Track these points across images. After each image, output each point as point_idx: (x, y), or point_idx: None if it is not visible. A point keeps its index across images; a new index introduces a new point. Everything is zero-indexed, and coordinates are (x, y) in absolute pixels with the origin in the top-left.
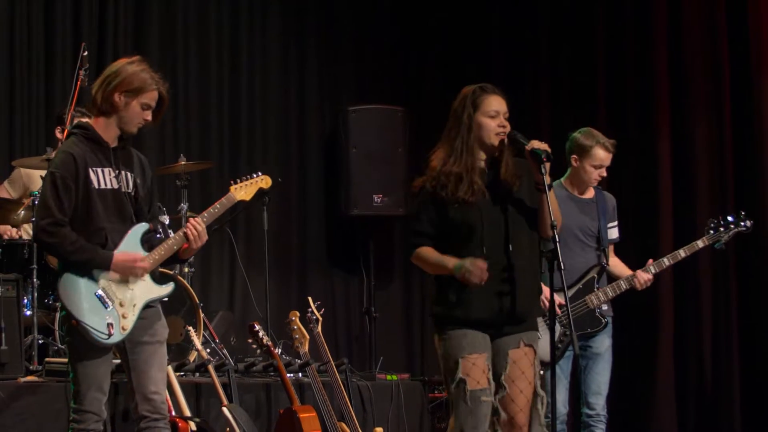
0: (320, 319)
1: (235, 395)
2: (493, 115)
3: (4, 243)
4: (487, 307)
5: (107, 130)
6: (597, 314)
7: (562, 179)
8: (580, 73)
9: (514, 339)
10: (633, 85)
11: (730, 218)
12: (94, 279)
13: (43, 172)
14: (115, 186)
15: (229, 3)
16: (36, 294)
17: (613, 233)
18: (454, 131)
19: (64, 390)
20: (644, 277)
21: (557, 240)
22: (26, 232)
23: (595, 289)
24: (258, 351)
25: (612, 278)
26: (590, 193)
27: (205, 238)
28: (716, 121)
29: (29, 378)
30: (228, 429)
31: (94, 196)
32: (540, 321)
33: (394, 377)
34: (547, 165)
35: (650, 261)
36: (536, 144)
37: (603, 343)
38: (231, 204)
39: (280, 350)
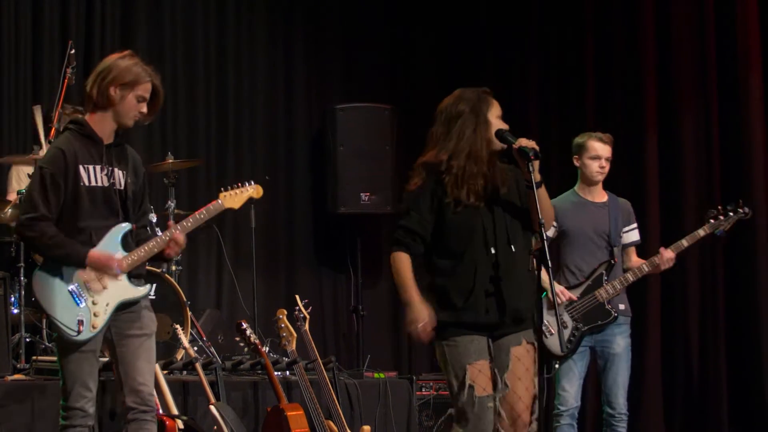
0: (308, 317)
1: (222, 393)
2: (500, 116)
3: None
4: (494, 309)
5: (103, 125)
6: (606, 307)
7: (575, 187)
8: (569, 69)
9: (515, 337)
10: (621, 80)
11: (729, 207)
12: (69, 275)
13: (31, 170)
14: (106, 183)
15: (216, 1)
16: (23, 292)
17: (633, 236)
18: (467, 129)
19: (52, 388)
20: (667, 254)
21: (545, 238)
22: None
23: (604, 284)
24: (245, 349)
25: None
26: (603, 198)
27: (183, 246)
28: (703, 116)
29: (17, 376)
30: (215, 427)
31: (83, 193)
32: (551, 318)
33: (382, 375)
34: (536, 163)
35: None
36: (524, 142)
37: (620, 343)
38: (218, 211)
39: (267, 348)
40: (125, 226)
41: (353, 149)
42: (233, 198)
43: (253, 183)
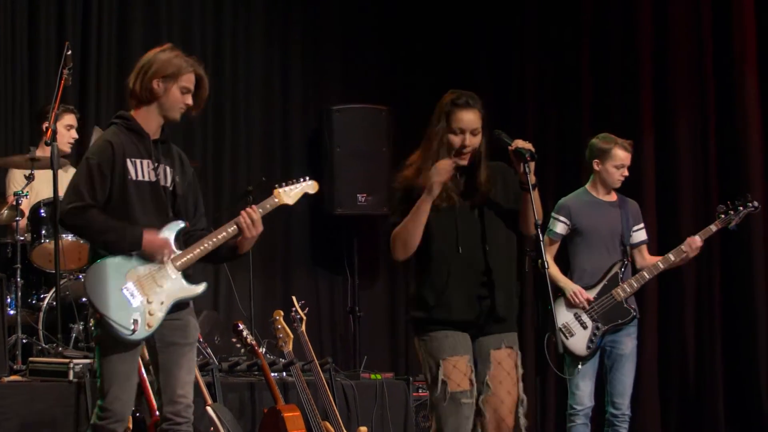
0: (304, 318)
1: (219, 394)
2: (457, 132)
3: None
4: (467, 308)
5: (149, 120)
6: (625, 306)
7: (586, 185)
8: (566, 70)
9: (495, 339)
10: (618, 81)
11: (738, 201)
12: (122, 275)
13: (27, 171)
14: (153, 179)
15: (213, 1)
16: (20, 293)
17: (641, 235)
18: (429, 141)
19: (48, 390)
20: (696, 242)
21: (541, 239)
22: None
23: (620, 283)
24: (242, 350)
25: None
26: (613, 197)
27: (261, 228)
28: (700, 117)
29: (13, 377)
30: (212, 428)
31: (131, 187)
32: (572, 318)
33: (378, 376)
34: (532, 164)
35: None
36: (520, 143)
37: (628, 344)
38: (273, 207)
39: (264, 349)
40: (179, 224)
41: (350, 150)
42: (288, 194)
43: (308, 179)
